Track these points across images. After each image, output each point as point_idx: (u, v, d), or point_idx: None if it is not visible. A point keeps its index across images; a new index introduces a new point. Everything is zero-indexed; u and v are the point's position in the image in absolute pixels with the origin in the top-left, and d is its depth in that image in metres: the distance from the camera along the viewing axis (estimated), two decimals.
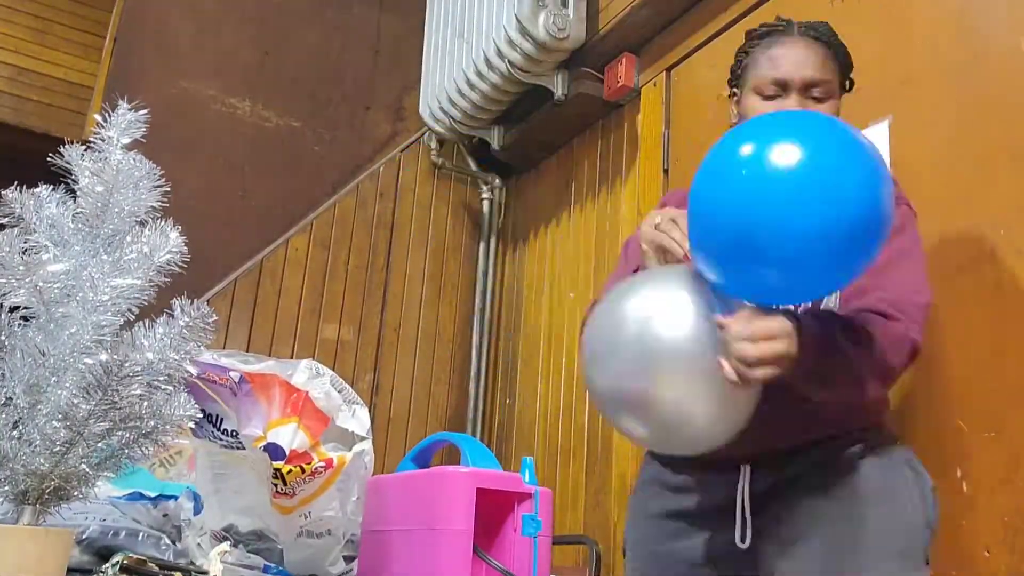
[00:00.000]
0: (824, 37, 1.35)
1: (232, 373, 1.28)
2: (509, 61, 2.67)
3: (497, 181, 3.36)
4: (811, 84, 1.29)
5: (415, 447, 1.22)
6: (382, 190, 3.19)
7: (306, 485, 1.29)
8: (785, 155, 0.87)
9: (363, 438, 1.38)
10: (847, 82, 1.37)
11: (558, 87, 2.70)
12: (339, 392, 1.38)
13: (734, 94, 1.41)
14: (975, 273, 1.54)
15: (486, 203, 3.34)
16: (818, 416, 1.21)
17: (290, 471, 1.28)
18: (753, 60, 1.36)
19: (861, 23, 1.91)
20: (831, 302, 1.22)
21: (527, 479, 1.01)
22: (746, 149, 0.91)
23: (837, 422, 1.23)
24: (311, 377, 1.38)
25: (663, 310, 0.99)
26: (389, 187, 3.21)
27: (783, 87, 1.30)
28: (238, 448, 1.30)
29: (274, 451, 1.30)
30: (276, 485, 1.28)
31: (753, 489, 1.22)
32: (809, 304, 1.20)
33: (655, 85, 2.56)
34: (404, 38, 3.36)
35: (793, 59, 1.30)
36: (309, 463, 1.30)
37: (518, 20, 2.55)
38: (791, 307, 1.14)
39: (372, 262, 3.11)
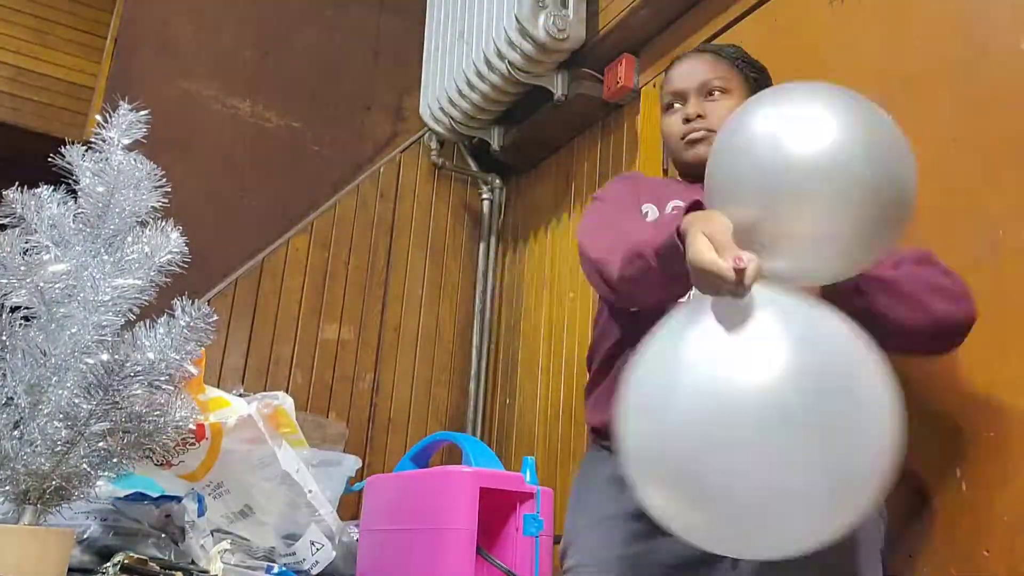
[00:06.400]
0: (712, 49, 1.54)
1: None
2: (509, 62, 2.67)
3: (497, 181, 3.36)
4: (703, 86, 1.46)
5: (414, 446, 1.22)
6: (382, 190, 3.19)
7: (185, 456, 1.24)
8: None
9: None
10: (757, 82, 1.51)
11: (558, 87, 2.70)
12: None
13: None
14: (975, 273, 1.54)
15: (486, 203, 3.34)
16: None
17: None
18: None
19: (861, 23, 1.91)
20: None
21: (529, 479, 1.01)
22: None
23: None
24: None
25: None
26: (389, 187, 3.22)
27: (681, 97, 1.48)
28: None
29: None
30: (151, 456, 1.24)
31: None
32: None
33: (655, 86, 2.55)
34: (404, 38, 3.36)
35: (682, 72, 1.51)
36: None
37: (518, 21, 2.55)
38: None
39: (372, 262, 3.11)
